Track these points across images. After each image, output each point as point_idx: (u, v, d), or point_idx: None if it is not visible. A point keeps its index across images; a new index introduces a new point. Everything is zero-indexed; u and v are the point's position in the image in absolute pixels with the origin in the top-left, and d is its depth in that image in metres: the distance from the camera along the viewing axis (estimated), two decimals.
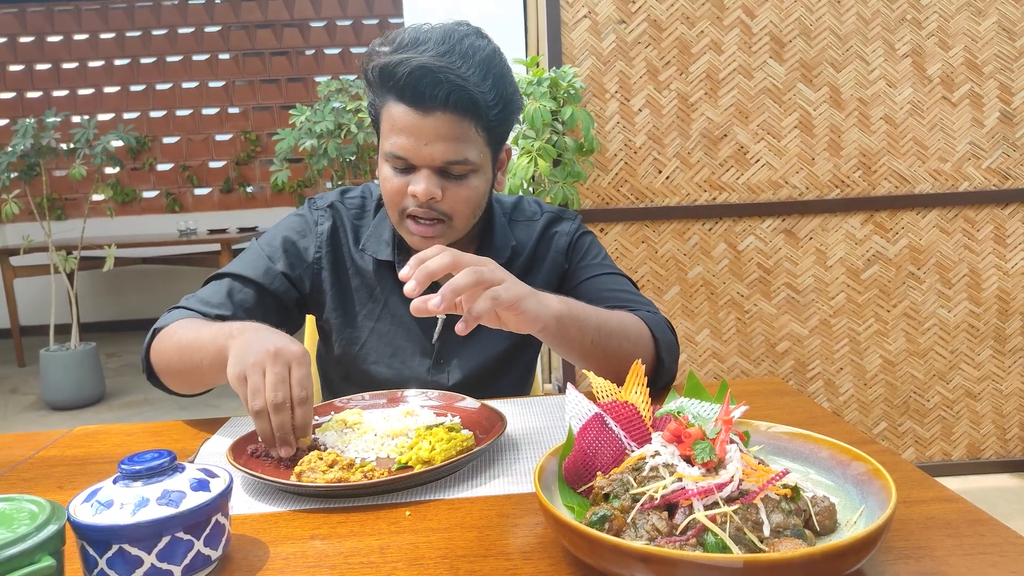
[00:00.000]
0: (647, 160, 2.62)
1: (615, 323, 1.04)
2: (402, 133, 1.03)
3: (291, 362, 0.83)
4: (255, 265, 1.17)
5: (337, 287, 1.20)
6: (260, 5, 6.46)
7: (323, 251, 1.20)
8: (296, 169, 5.15)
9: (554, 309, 0.95)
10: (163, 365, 1.04)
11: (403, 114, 1.02)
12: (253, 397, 0.81)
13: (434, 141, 1.02)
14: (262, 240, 1.22)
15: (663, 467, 0.62)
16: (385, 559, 0.64)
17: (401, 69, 0.99)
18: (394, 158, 1.05)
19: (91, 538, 0.58)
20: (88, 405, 4.35)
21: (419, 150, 1.03)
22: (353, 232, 1.22)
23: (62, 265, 4.18)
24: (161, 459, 0.62)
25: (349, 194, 1.26)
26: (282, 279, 1.17)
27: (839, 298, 2.71)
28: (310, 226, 1.21)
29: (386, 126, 1.06)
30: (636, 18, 2.56)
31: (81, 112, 6.26)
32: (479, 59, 1.02)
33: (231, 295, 1.13)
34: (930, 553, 0.61)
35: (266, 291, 1.16)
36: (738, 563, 0.50)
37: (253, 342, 0.86)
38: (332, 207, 1.23)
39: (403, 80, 1.00)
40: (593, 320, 1.01)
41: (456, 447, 0.82)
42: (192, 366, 0.98)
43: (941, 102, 2.62)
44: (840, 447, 0.70)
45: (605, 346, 1.02)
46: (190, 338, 0.99)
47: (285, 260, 1.18)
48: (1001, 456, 2.80)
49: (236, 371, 0.83)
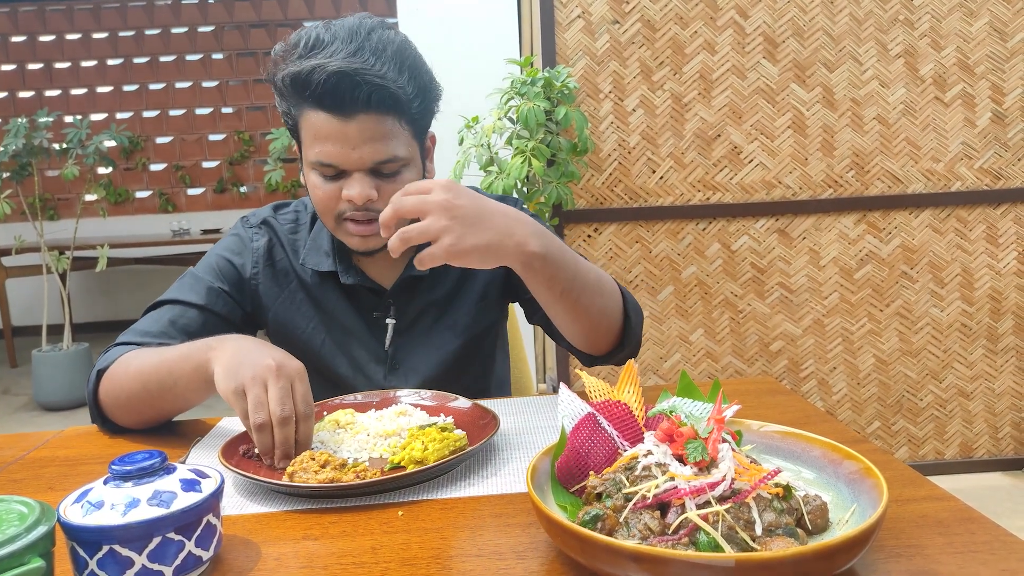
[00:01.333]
0: (641, 160, 2.62)
1: (592, 276, 0.97)
2: (327, 140, 1.00)
3: (294, 378, 0.83)
4: (195, 289, 1.14)
5: (280, 302, 1.18)
6: (254, 5, 6.44)
7: (259, 267, 1.18)
8: (290, 169, 5.14)
9: (528, 249, 0.85)
10: (120, 400, 1.00)
11: (325, 121, 0.99)
12: (256, 411, 0.81)
13: (361, 144, 1.00)
14: (198, 266, 1.19)
15: (655, 466, 0.62)
16: (377, 559, 0.64)
17: (316, 76, 0.96)
18: (322, 166, 1.02)
19: (81, 539, 0.58)
20: (80, 406, 4.32)
21: (347, 155, 1.00)
22: (291, 246, 1.19)
23: (54, 265, 4.16)
24: (152, 460, 0.62)
25: (282, 210, 1.24)
26: (225, 297, 1.15)
27: (832, 298, 2.72)
28: (245, 243, 1.19)
29: (308, 135, 1.03)
30: (630, 18, 2.56)
31: (74, 112, 6.23)
32: (391, 53, 1.00)
33: (173, 323, 1.10)
34: (921, 551, 0.61)
35: (210, 312, 1.13)
36: (730, 562, 0.50)
37: (247, 354, 0.85)
38: (265, 223, 1.21)
39: (320, 88, 0.97)
40: (571, 266, 0.92)
41: (449, 447, 0.82)
42: (161, 390, 0.96)
43: (934, 102, 2.63)
44: (832, 446, 0.70)
45: (578, 296, 0.94)
46: (153, 363, 0.96)
47: (224, 279, 1.16)
48: (993, 455, 2.81)
49: (233, 385, 0.83)
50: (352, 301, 1.18)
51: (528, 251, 0.85)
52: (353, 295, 1.18)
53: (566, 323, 0.99)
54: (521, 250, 0.85)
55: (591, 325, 0.99)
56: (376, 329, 1.18)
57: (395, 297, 1.17)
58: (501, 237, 0.84)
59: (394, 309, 1.17)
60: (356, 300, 1.18)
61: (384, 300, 1.17)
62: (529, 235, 0.86)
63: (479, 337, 1.22)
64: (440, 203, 0.81)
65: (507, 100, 2.40)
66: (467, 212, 0.82)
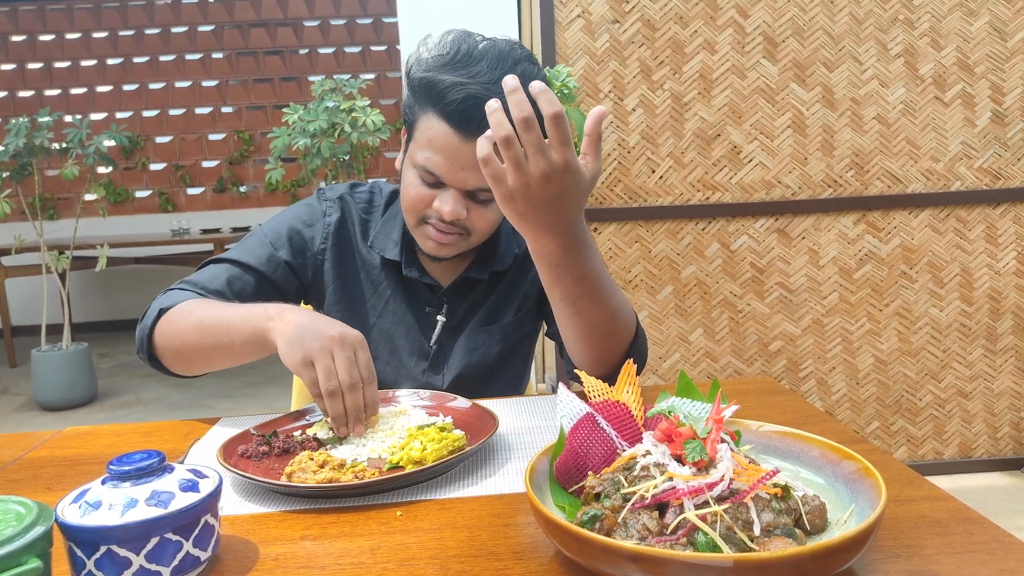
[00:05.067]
0: (640, 160, 2.62)
1: (615, 304, 0.97)
2: (439, 152, 1.02)
3: (356, 347, 0.88)
4: (257, 253, 1.16)
5: (341, 279, 1.20)
6: (254, 4, 6.44)
7: (329, 242, 1.20)
8: (290, 168, 5.14)
9: (561, 244, 0.87)
10: (175, 345, 1.03)
11: (444, 134, 1.01)
12: (328, 379, 0.85)
13: (470, 167, 1.02)
14: (266, 227, 1.20)
15: (654, 466, 0.62)
16: (376, 559, 0.64)
17: (453, 94, 0.99)
18: (426, 172, 1.05)
19: (79, 539, 0.58)
20: (80, 406, 4.33)
21: (454, 173, 1.03)
22: (361, 226, 1.22)
23: (54, 265, 4.16)
24: (150, 459, 0.62)
25: (359, 188, 1.26)
26: (284, 268, 1.17)
27: (832, 297, 2.72)
28: (318, 216, 1.21)
29: (422, 137, 1.04)
30: (629, 18, 2.56)
31: (74, 111, 6.23)
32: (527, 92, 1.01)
33: (230, 283, 1.12)
34: (919, 551, 0.61)
35: (266, 279, 1.15)
36: (728, 562, 0.50)
37: (309, 326, 0.89)
38: (341, 199, 1.23)
39: (453, 105, 0.99)
40: (593, 276, 0.93)
41: (447, 447, 0.82)
42: (217, 345, 0.99)
43: (933, 102, 2.63)
44: (830, 446, 0.70)
45: (596, 311, 0.95)
46: (214, 317, 0.99)
47: (289, 249, 1.18)
48: (992, 455, 2.81)
49: (300, 355, 0.87)
50: (408, 292, 1.20)
51: (549, 248, 0.88)
52: (409, 288, 1.20)
53: (570, 336, 1.00)
54: (543, 246, 0.88)
55: (597, 345, 1.00)
56: (425, 324, 1.20)
57: (449, 295, 1.20)
58: (545, 226, 0.85)
59: (447, 307, 1.19)
60: (411, 293, 1.20)
61: (438, 297, 1.20)
62: (561, 233, 0.86)
63: (516, 345, 1.24)
64: (534, 176, 0.80)
65: None
66: (538, 199, 0.82)
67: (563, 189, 0.82)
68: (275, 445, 0.88)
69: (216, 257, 1.17)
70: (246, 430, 0.91)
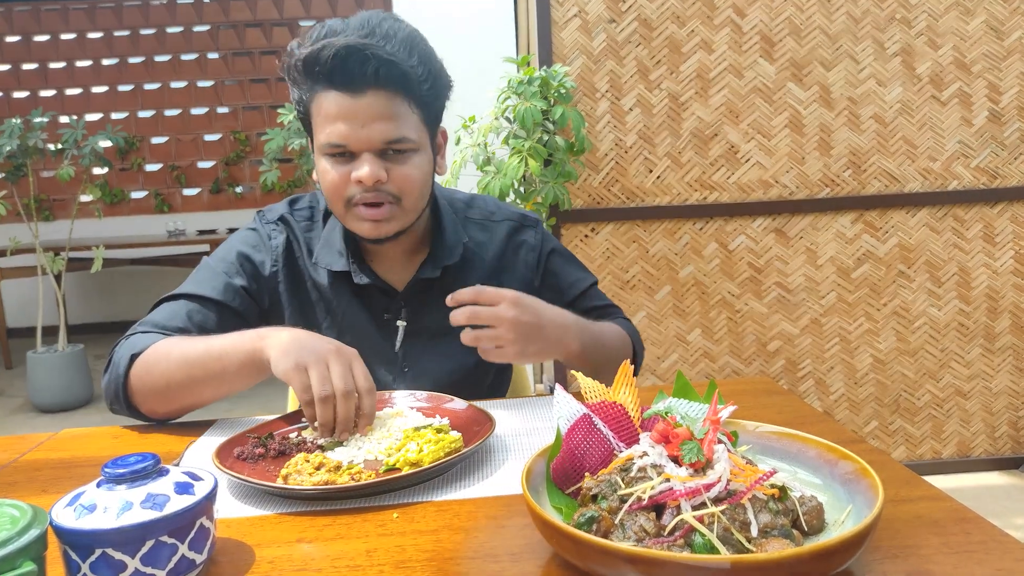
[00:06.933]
0: (638, 159, 2.62)
1: (615, 350, 1.16)
2: (337, 119, 1.01)
3: (352, 359, 0.89)
4: (212, 283, 1.13)
5: (295, 302, 1.17)
6: (249, 4, 6.43)
7: (280, 265, 1.17)
8: (286, 169, 5.13)
9: (571, 349, 1.07)
10: (159, 385, 1.00)
11: (335, 100, 1.01)
12: (321, 384, 0.85)
13: (371, 122, 1.00)
14: (214, 257, 1.18)
15: (651, 468, 0.61)
16: (372, 562, 0.64)
17: (325, 53, 0.98)
18: (332, 147, 1.03)
19: (74, 542, 0.58)
20: (76, 408, 4.32)
21: (357, 134, 1.01)
22: (307, 245, 1.19)
23: (50, 266, 4.15)
24: (145, 462, 0.62)
25: (297, 204, 1.23)
26: (243, 294, 1.14)
27: (829, 297, 2.72)
28: (264, 240, 1.18)
29: (319, 118, 1.04)
30: (626, 17, 2.56)
31: (69, 112, 6.20)
32: (401, 37, 1.02)
33: (190, 318, 1.09)
34: (917, 552, 0.61)
35: (227, 308, 1.12)
36: (725, 563, 0.50)
37: (305, 339, 0.90)
38: (283, 220, 1.20)
39: (329, 63, 0.99)
40: (600, 349, 1.12)
41: (444, 449, 0.82)
42: (208, 377, 0.97)
43: (930, 101, 2.63)
44: (828, 446, 0.70)
45: (599, 362, 1.12)
46: (199, 350, 0.98)
47: (243, 274, 1.15)
48: (991, 454, 2.82)
49: (292, 363, 0.87)
50: (364, 302, 1.17)
51: (571, 350, 1.07)
52: (365, 296, 1.17)
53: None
54: (567, 351, 1.07)
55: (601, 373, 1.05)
56: (387, 331, 1.18)
57: (407, 299, 1.17)
58: (553, 345, 1.04)
59: (406, 311, 1.17)
60: (368, 301, 1.17)
61: (396, 302, 1.17)
62: (572, 338, 1.07)
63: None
64: (510, 320, 0.97)
65: (504, 100, 2.39)
66: (529, 328, 0.99)
67: (534, 305, 1.01)
68: (271, 447, 0.87)
69: (169, 294, 1.13)
70: (242, 432, 0.91)
